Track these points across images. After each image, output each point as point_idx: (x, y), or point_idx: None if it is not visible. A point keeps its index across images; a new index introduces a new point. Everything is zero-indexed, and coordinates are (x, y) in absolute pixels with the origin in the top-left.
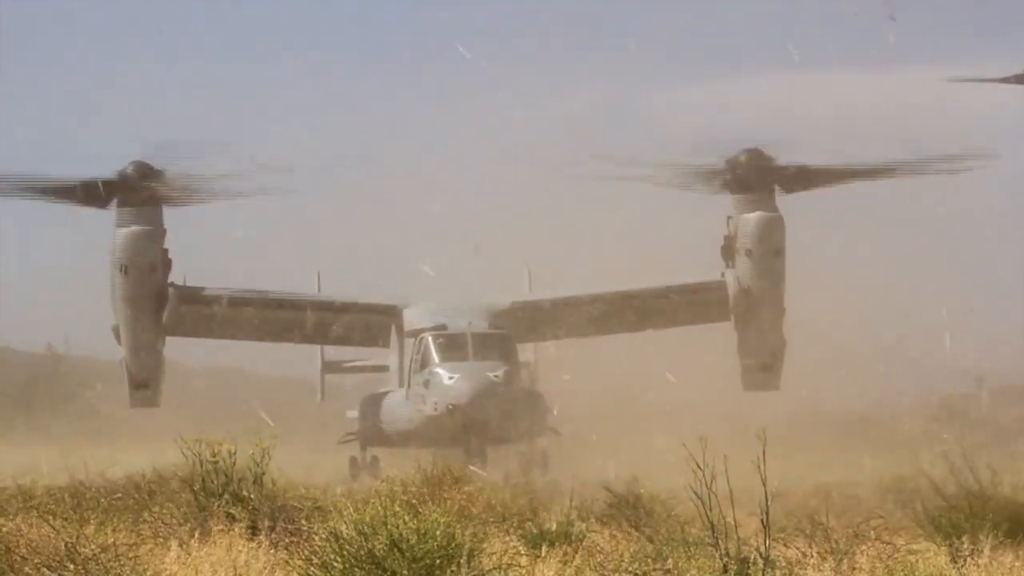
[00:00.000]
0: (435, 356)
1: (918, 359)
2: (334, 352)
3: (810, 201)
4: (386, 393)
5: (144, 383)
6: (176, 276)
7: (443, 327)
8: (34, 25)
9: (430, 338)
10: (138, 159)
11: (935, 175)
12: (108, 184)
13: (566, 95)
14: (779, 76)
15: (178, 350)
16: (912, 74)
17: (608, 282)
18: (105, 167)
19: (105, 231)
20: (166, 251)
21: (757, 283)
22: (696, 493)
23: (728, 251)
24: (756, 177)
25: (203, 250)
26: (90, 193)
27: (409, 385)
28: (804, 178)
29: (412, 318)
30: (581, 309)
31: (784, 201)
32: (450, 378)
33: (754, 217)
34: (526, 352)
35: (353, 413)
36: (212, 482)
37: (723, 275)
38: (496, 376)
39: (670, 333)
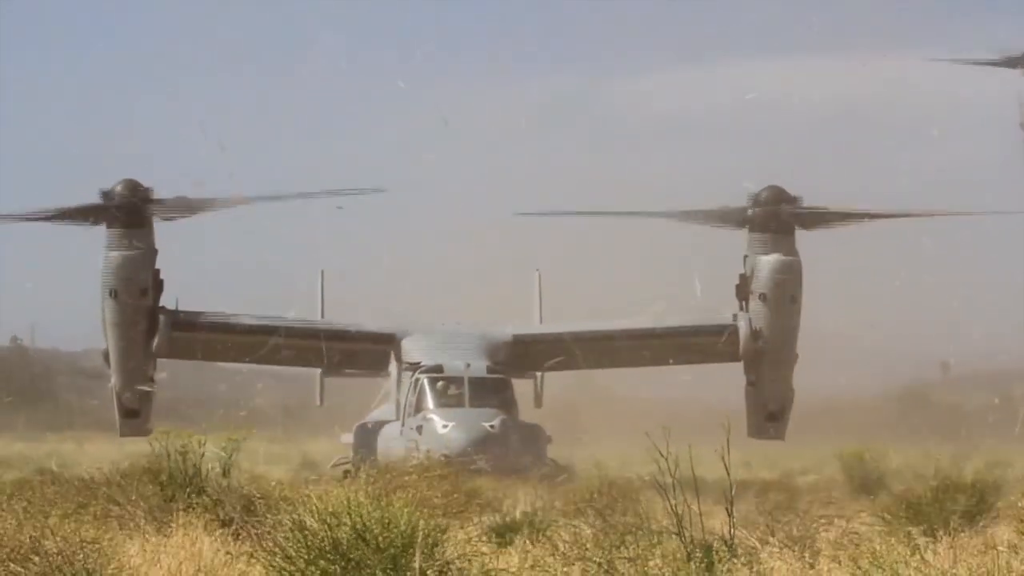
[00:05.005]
0: (429, 401)
1: (883, 345)
2: None
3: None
4: (383, 424)
5: (134, 411)
6: (167, 297)
7: (439, 369)
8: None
9: (426, 381)
10: (127, 178)
11: (956, 216)
12: (96, 207)
13: (532, 84)
14: (751, 63)
15: None
16: (889, 61)
17: (616, 314)
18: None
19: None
20: (157, 272)
21: (769, 330)
22: (659, 482)
23: (742, 292)
24: (775, 218)
25: (193, 264)
26: (84, 216)
27: (403, 423)
28: (824, 220)
29: (410, 349)
30: (584, 344)
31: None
32: (443, 427)
33: (770, 260)
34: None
35: (348, 438)
36: (179, 473)
37: (735, 317)
38: (492, 426)
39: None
